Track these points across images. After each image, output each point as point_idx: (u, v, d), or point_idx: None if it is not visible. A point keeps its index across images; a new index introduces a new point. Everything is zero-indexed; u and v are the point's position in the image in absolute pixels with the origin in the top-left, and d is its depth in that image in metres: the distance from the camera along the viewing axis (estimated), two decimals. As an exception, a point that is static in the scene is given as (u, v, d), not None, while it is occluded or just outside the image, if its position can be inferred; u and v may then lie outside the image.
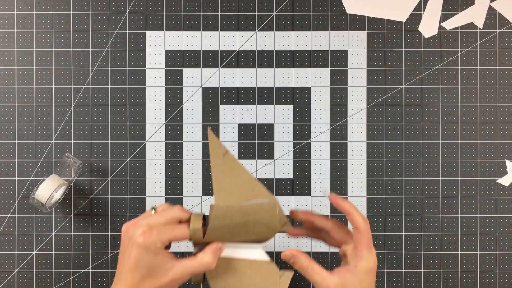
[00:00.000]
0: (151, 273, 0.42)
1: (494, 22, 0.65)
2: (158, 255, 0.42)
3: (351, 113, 0.65)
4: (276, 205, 0.44)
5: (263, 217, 0.44)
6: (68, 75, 0.65)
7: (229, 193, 0.44)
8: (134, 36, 0.65)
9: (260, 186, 0.45)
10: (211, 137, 0.45)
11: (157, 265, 0.42)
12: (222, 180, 0.44)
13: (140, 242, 0.41)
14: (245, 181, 0.45)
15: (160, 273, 0.42)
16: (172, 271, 0.42)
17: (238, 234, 0.44)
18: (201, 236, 0.43)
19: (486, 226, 0.64)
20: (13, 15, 0.65)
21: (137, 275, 0.42)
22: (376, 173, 0.65)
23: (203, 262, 0.43)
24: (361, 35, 0.65)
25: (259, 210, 0.43)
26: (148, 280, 0.42)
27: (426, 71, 0.65)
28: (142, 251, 0.41)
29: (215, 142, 0.45)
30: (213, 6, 0.65)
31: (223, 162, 0.45)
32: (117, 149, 0.65)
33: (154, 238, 0.42)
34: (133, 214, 0.64)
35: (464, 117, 0.65)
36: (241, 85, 0.65)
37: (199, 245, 0.44)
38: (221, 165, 0.45)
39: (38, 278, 0.64)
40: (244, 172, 0.45)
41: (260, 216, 0.43)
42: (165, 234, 0.42)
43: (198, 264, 0.43)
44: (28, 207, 0.64)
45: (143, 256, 0.41)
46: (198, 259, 0.43)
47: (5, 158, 0.64)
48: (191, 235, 0.43)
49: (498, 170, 0.65)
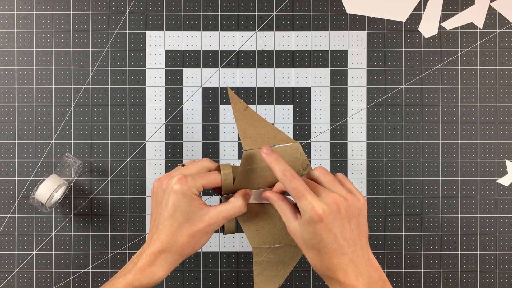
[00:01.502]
0: (188, 219, 0.43)
1: (494, 22, 0.65)
2: (194, 201, 0.44)
3: (351, 113, 0.65)
4: (299, 148, 0.47)
5: (286, 160, 0.46)
6: (68, 75, 0.65)
7: (254, 140, 0.47)
8: (134, 36, 0.65)
9: (282, 133, 0.48)
10: (232, 95, 0.49)
11: (193, 211, 0.43)
12: (247, 129, 0.47)
13: (177, 188, 0.43)
14: (267, 129, 0.48)
15: (197, 218, 0.44)
16: (208, 216, 0.44)
17: (264, 178, 0.47)
18: (231, 181, 0.46)
19: (486, 226, 0.64)
20: (13, 15, 0.65)
21: (175, 222, 0.43)
22: (376, 173, 0.65)
23: (235, 205, 0.45)
24: (361, 35, 0.65)
25: (283, 153, 0.46)
26: (185, 226, 0.43)
27: (426, 71, 0.65)
28: (179, 197, 0.43)
29: (235, 98, 0.49)
30: (213, 6, 0.65)
31: (245, 115, 0.48)
32: (117, 149, 0.65)
33: (190, 184, 0.43)
34: (133, 214, 0.65)
35: (464, 117, 0.65)
36: (241, 85, 0.65)
37: (226, 195, 0.47)
38: (243, 118, 0.48)
39: (38, 278, 0.64)
40: (265, 122, 0.48)
41: (284, 159, 0.46)
42: (200, 180, 0.44)
43: (232, 207, 0.45)
44: (28, 207, 0.64)
45: (180, 202, 0.43)
46: (230, 203, 0.45)
47: (5, 158, 0.64)
48: (223, 180, 0.46)
49: (498, 170, 0.65)
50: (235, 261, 0.65)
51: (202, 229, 0.44)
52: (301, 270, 0.65)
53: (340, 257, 0.41)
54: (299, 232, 0.42)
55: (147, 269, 0.43)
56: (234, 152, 0.65)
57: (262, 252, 0.47)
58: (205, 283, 0.64)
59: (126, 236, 0.65)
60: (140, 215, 0.65)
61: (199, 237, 0.44)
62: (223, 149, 0.65)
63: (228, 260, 0.65)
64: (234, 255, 0.65)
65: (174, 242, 0.43)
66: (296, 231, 0.43)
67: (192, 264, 0.64)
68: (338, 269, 0.41)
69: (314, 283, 0.65)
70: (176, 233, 0.43)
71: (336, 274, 0.41)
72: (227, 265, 0.65)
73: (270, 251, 0.47)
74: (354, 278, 0.41)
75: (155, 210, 0.46)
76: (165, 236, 0.43)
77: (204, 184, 0.45)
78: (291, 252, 0.48)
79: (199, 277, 0.64)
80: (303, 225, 0.42)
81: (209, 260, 0.64)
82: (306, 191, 0.41)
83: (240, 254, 0.65)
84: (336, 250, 0.41)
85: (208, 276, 0.65)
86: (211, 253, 0.65)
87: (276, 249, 0.47)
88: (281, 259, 0.47)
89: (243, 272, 0.65)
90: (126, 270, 0.44)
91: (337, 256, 0.41)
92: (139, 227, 0.65)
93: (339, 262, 0.41)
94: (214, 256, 0.65)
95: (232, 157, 0.65)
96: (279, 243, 0.47)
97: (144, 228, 0.65)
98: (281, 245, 0.47)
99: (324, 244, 0.41)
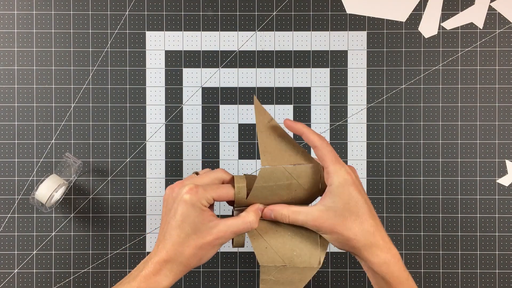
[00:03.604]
0: (196, 230, 0.43)
1: (494, 22, 0.65)
2: (203, 213, 0.43)
3: (351, 113, 0.65)
4: (320, 171, 0.44)
5: (305, 181, 0.45)
6: (68, 75, 0.65)
7: (274, 156, 0.45)
8: (134, 36, 0.65)
9: (304, 152, 0.45)
10: (257, 105, 0.46)
11: (202, 222, 0.42)
12: (268, 143, 0.45)
13: (187, 198, 0.42)
14: (289, 146, 0.45)
15: (205, 231, 0.43)
16: (216, 229, 0.43)
17: (279, 196, 0.45)
18: (245, 195, 0.44)
19: (486, 226, 0.64)
20: (13, 15, 0.65)
21: (182, 232, 0.42)
22: (376, 173, 0.65)
23: (246, 220, 0.43)
24: (361, 35, 0.65)
25: (302, 174, 0.44)
26: (192, 237, 0.42)
27: (426, 71, 0.65)
28: (188, 208, 0.42)
29: (260, 109, 0.46)
30: (213, 6, 0.65)
31: (268, 128, 0.45)
32: (117, 149, 0.65)
33: (200, 195, 0.42)
34: (133, 214, 0.65)
35: (464, 117, 0.65)
36: (241, 85, 0.65)
37: (239, 208, 0.46)
38: (266, 131, 0.45)
39: (38, 278, 0.64)
40: (288, 138, 0.46)
41: (303, 180, 0.44)
42: (211, 192, 0.43)
43: (242, 222, 0.43)
44: (28, 207, 0.64)
45: (189, 213, 0.42)
46: (241, 218, 0.44)
47: (5, 158, 0.64)
48: (236, 193, 0.44)
49: (498, 170, 0.65)
50: (235, 261, 0.65)
51: (209, 242, 0.43)
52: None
53: (374, 219, 0.43)
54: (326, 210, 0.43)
55: (152, 278, 0.43)
56: (234, 152, 0.65)
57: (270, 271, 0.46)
58: (205, 283, 0.64)
59: (126, 236, 0.65)
60: (140, 215, 0.65)
61: (206, 250, 0.43)
62: (223, 149, 0.65)
63: (228, 260, 0.65)
64: (234, 255, 0.65)
65: (180, 253, 0.43)
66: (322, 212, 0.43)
67: (192, 264, 0.64)
68: (376, 230, 0.43)
69: (314, 283, 0.65)
70: (182, 244, 0.42)
71: (376, 238, 0.43)
72: (227, 265, 0.65)
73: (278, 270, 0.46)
74: (389, 240, 0.44)
75: (164, 218, 0.45)
76: (171, 246, 0.43)
77: (215, 197, 0.44)
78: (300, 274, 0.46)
79: (199, 277, 0.64)
80: (334, 192, 0.42)
81: (209, 260, 0.64)
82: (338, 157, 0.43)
83: (240, 254, 0.65)
84: (369, 211, 0.43)
85: (208, 276, 0.65)
86: (211, 253, 0.65)
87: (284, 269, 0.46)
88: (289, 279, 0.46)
89: (243, 272, 0.65)
90: (131, 277, 0.44)
91: (372, 218, 0.43)
92: (139, 227, 0.65)
93: (376, 223, 0.43)
94: (214, 256, 0.64)
95: (232, 157, 0.65)
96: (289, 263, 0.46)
97: (144, 228, 0.65)
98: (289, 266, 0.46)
99: (360, 204, 0.43)
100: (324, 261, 0.64)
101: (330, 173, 0.43)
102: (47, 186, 0.60)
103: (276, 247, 0.46)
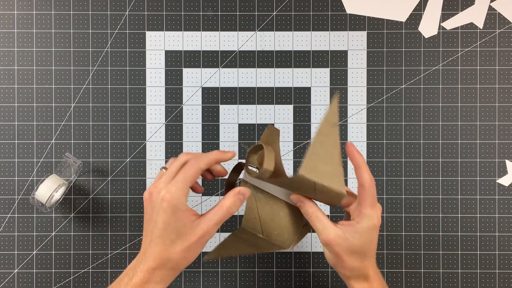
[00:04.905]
0: (180, 234, 0.43)
1: (494, 22, 0.65)
2: (183, 216, 0.43)
3: (351, 113, 0.65)
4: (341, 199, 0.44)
5: (324, 199, 0.45)
6: (68, 75, 0.65)
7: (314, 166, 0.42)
8: (134, 36, 0.65)
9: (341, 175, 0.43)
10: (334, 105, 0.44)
11: (184, 226, 0.43)
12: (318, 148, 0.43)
13: (165, 207, 0.42)
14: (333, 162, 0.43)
15: (189, 233, 0.43)
16: (199, 228, 0.43)
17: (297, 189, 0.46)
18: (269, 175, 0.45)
19: (486, 226, 0.64)
20: (13, 15, 0.65)
21: (167, 239, 0.43)
22: (376, 173, 0.65)
23: (223, 206, 0.44)
24: (361, 35, 0.65)
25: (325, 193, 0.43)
26: (178, 242, 0.43)
27: (426, 71, 0.65)
28: (168, 216, 0.42)
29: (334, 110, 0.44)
30: (213, 6, 0.65)
31: (328, 132, 0.43)
32: (117, 149, 0.65)
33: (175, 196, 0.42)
34: (133, 214, 0.65)
35: (464, 117, 0.65)
36: (241, 85, 0.65)
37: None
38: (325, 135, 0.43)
39: (38, 278, 0.64)
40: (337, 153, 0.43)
41: (322, 197, 0.45)
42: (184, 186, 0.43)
43: (218, 210, 0.44)
44: (28, 207, 0.64)
45: (169, 220, 0.42)
46: (218, 206, 0.44)
47: (5, 158, 0.64)
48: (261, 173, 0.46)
49: (498, 170, 0.65)
50: (236, 261, 0.65)
51: (195, 241, 0.43)
52: (300, 270, 0.65)
53: (374, 256, 0.47)
54: (343, 238, 0.44)
55: (143, 286, 0.43)
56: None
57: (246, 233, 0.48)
58: (205, 283, 0.64)
59: (126, 236, 0.65)
60: (140, 215, 0.65)
61: (194, 250, 0.44)
62: (223, 149, 0.65)
63: (228, 260, 0.65)
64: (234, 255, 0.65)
65: (168, 259, 0.43)
66: (339, 237, 0.44)
67: (192, 264, 0.64)
68: (371, 266, 0.47)
69: (314, 283, 0.65)
70: (169, 250, 0.43)
71: (367, 271, 0.46)
72: (227, 265, 0.65)
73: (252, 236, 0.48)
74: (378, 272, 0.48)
75: (147, 226, 0.45)
76: (159, 254, 0.43)
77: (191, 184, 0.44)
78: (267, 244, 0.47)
79: (199, 277, 0.64)
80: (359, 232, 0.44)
81: (208, 260, 0.64)
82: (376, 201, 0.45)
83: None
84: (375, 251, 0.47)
85: (208, 276, 0.64)
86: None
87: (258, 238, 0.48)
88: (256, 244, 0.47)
89: (243, 272, 0.65)
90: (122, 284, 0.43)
91: (373, 256, 0.47)
92: (139, 227, 0.65)
93: (373, 261, 0.47)
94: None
95: (232, 157, 0.65)
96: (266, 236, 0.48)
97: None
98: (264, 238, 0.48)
99: (373, 247, 0.46)
100: (324, 261, 0.65)
101: (364, 215, 0.44)
102: (47, 186, 0.60)
103: (264, 221, 0.48)
